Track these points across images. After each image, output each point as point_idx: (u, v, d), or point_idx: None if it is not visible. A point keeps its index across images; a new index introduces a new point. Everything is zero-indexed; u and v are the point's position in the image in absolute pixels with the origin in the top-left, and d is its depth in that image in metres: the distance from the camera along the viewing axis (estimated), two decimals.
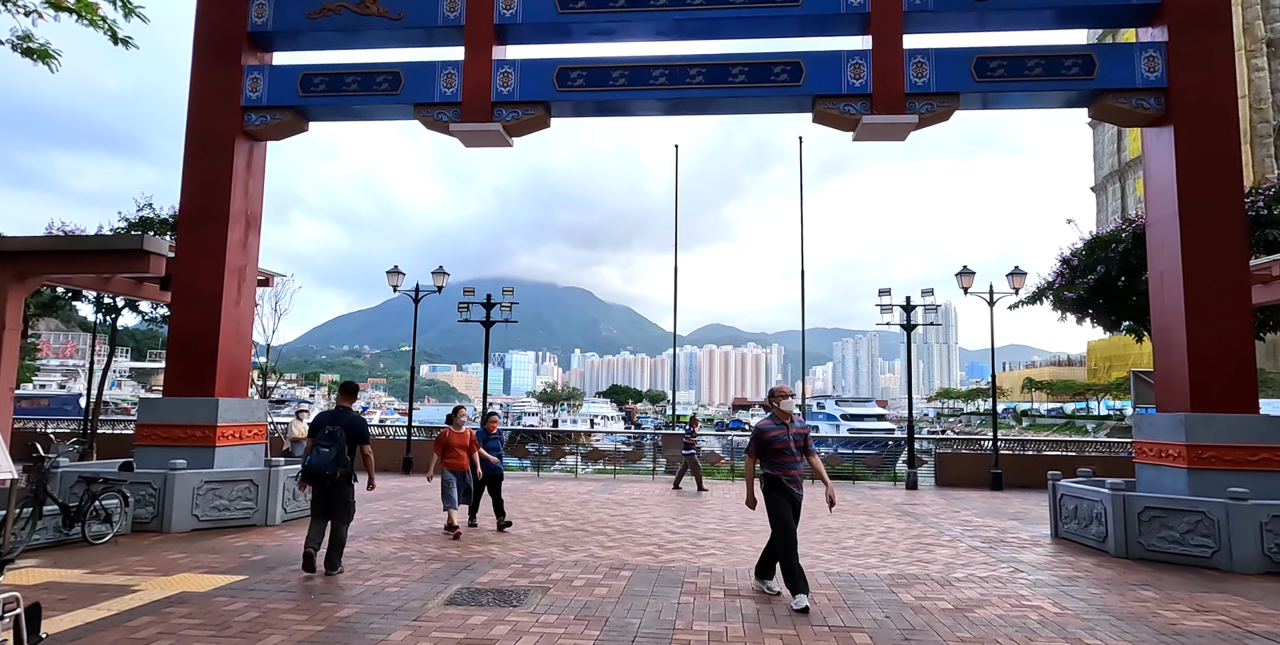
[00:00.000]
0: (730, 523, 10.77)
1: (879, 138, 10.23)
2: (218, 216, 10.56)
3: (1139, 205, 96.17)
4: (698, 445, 16.46)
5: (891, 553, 8.48)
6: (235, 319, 10.70)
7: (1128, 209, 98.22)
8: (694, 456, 16.02)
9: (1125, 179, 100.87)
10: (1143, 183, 10.21)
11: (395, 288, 19.31)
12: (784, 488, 6.36)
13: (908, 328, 17.86)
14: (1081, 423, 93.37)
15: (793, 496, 6.39)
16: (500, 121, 10.38)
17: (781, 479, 6.34)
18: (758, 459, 6.48)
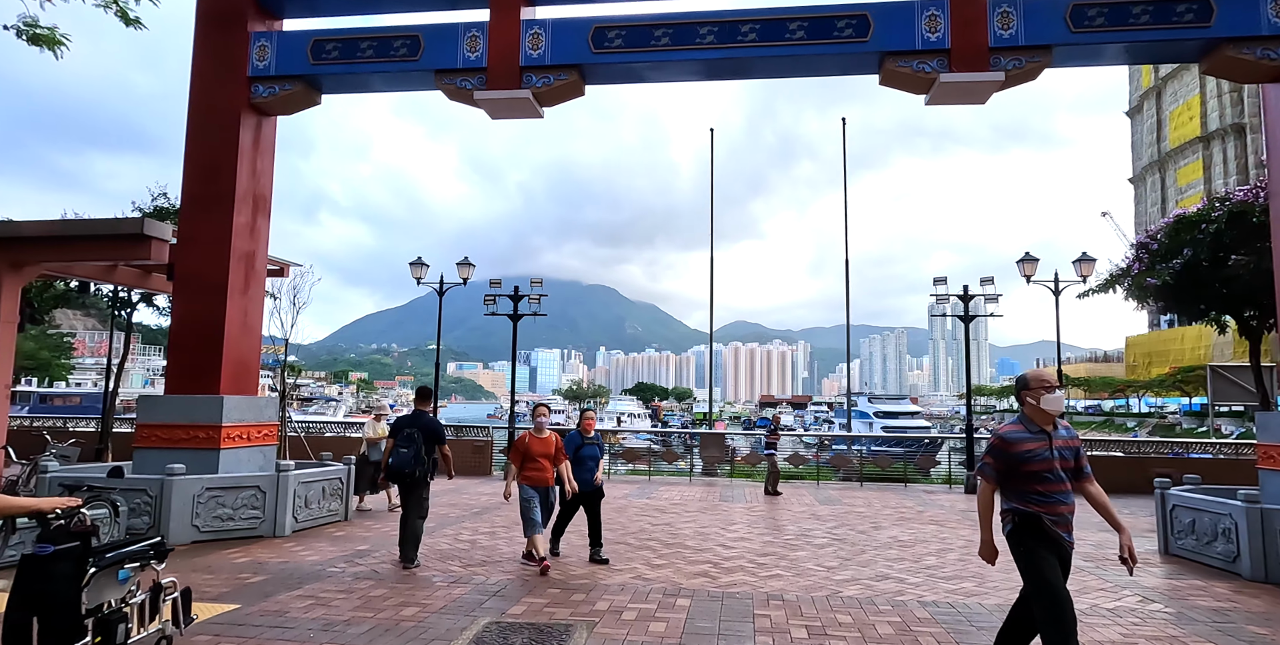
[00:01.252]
0: (788, 533, 9.65)
1: (956, 100, 9.02)
2: (222, 198, 9.66)
3: (1180, 196, 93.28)
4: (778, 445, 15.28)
5: (985, 574, 7.31)
6: (242, 309, 9.79)
7: (1168, 200, 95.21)
8: (774, 457, 14.91)
9: (1165, 169, 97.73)
10: (1265, 144, 8.88)
11: (419, 280, 18.43)
12: (1045, 532, 3.96)
13: (965, 319, 16.56)
14: (1121, 420, 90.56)
15: (1061, 547, 3.99)
16: (530, 88, 9.34)
17: (1043, 518, 3.97)
18: (998, 486, 4.16)
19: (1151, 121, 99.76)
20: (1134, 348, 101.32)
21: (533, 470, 7.38)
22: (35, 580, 3.37)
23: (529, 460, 7.39)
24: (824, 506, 12.82)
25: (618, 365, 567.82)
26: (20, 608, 3.34)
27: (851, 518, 11.41)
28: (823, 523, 10.76)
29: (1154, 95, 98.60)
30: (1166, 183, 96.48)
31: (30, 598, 3.36)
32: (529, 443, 7.47)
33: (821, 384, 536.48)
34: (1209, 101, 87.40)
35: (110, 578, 3.67)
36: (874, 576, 7.13)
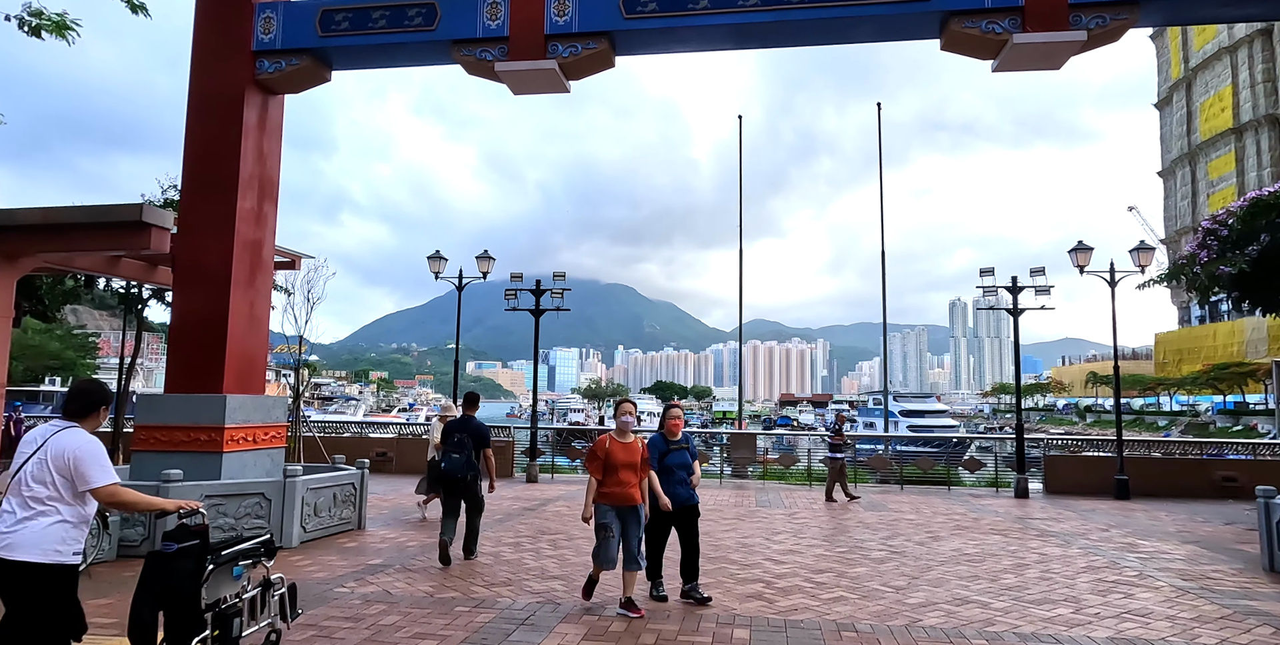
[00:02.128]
0: (839, 545, 8.79)
1: (1029, 65, 8.11)
2: (225, 182, 8.96)
3: (1211, 189, 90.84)
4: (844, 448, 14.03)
5: (1079, 597, 6.42)
6: (248, 302, 9.09)
7: (1198, 194, 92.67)
8: (840, 461, 13.71)
9: (1196, 162, 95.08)
10: None
11: (437, 275, 17.72)
12: None
13: (1014, 312, 15.56)
14: (1151, 419, 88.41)
15: None
16: (555, 58, 8.55)
17: None
18: None
19: (1181, 113, 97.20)
20: (1163, 345, 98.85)
21: (616, 485, 5.74)
22: (161, 576, 3.51)
23: (612, 472, 5.74)
24: (870, 513, 11.95)
25: (636, 364, 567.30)
26: (147, 602, 3.49)
27: (903, 526, 10.53)
28: (874, 532, 9.89)
29: (1184, 86, 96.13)
30: (1197, 176, 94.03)
31: (157, 593, 3.50)
32: (611, 449, 5.79)
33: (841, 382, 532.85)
34: (1241, 92, 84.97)
35: (226, 574, 3.85)
36: (952, 600, 6.26)
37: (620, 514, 5.77)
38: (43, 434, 3.47)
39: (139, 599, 3.48)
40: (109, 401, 3.71)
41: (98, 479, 3.37)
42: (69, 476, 3.36)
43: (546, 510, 11.53)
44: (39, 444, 3.44)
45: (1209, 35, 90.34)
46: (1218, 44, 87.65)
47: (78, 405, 3.58)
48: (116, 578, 6.55)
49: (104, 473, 3.41)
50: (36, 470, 3.38)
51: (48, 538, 3.28)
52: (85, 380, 3.79)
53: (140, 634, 3.45)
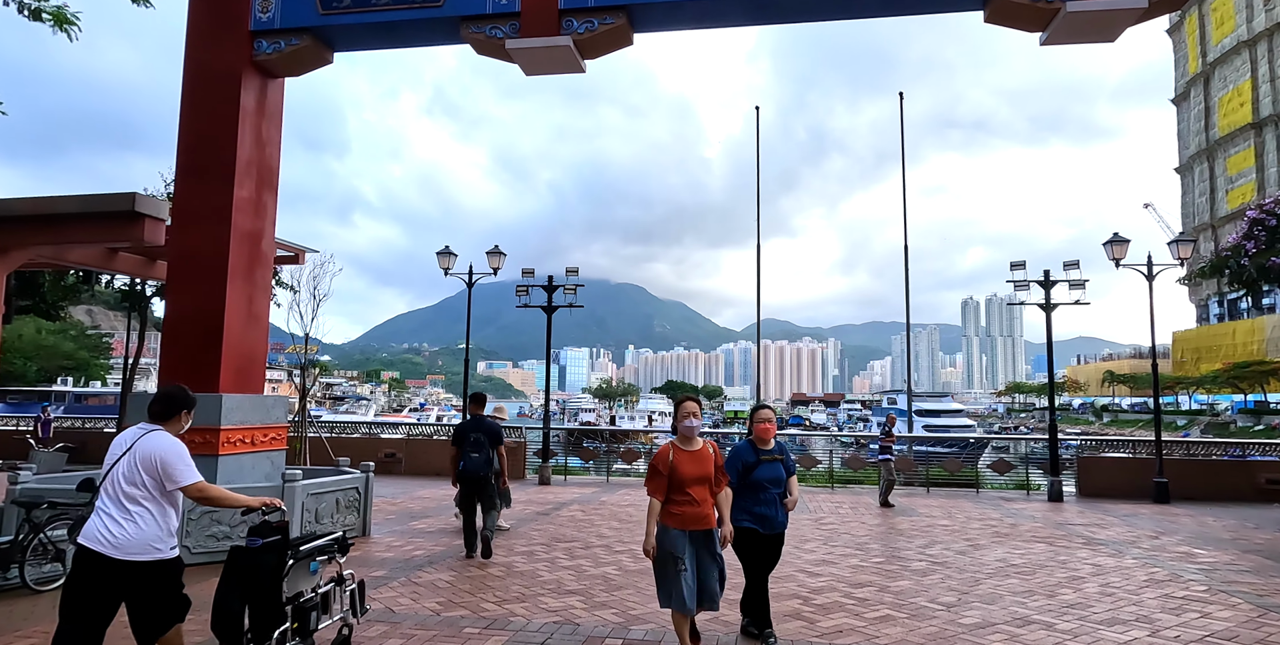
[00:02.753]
0: (875, 554, 8.20)
1: (1082, 36, 7.50)
2: (221, 169, 8.47)
3: (1230, 185, 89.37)
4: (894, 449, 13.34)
5: (1151, 617, 5.82)
6: (246, 296, 8.60)
7: (1217, 190, 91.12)
8: (890, 464, 13.07)
9: (1214, 158, 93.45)
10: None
11: (447, 271, 17.23)
12: None
13: (1047, 308, 14.90)
14: (1170, 418, 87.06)
15: None
16: (570, 35, 8.01)
17: None
18: None
19: (1199, 109, 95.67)
20: (1181, 343, 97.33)
21: (684, 504, 4.46)
22: (246, 570, 3.61)
23: (678, 488, 4.48)
24: (901, 518, 11.35)
25: (646, 363, 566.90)
26: (234, 595, 3.59)
27: (939, 532, 9.93)
28: (908, 539, 9.31)
29: (1202, 81, 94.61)
30: (1216, 172, 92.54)
31: (242, 586, 3.60)
32: (677, 461, 4.50)
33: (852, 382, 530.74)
34: (1261, 86, 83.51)
35: (304, 569, 3.92)
36: (1011, 620, 5.67)
37: (693, 539, 4.45)
38: (131, 437, 3.68)
39: (224, 592, 3.61)
40: (191, 406, 3.90)
41: (185, 478, 3.61)
42: (158, 477, 3.58)
43: (560, 515, 11.00)
44: (128, 446, 3.64)
45: (1227, 29, 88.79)
46: (1236, 38, 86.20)
47: (162, 407, 3.79)
48: None
49: (190, 472, 3.64)
50: (128, 471, 3.59)
51: (146, 537, 3.52)
52: (170, 386, 3.97)
53: (228, 625, 3.58)
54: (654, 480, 4.53)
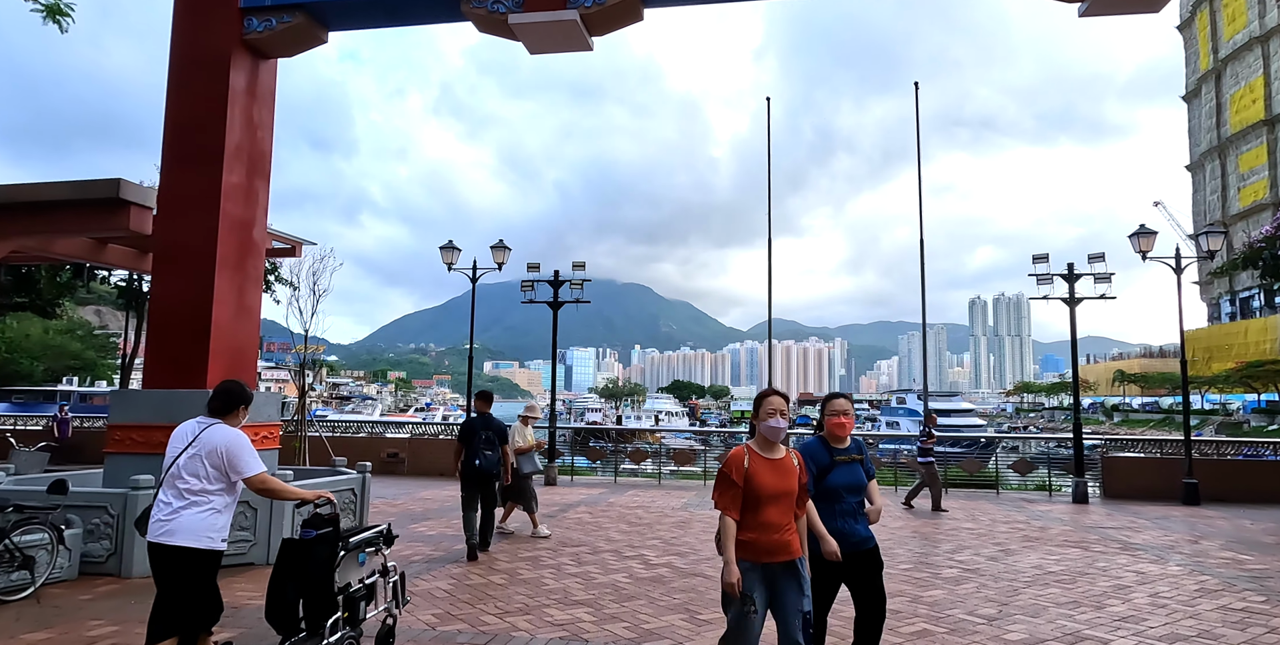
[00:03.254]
0: (902, 560, 7.70)
1: (1127, 6, 6.99)
2: (209, 154, 8.02)
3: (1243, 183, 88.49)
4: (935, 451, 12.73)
5: (1214, 632, 5.31)
6: (236, 287, 8.16)
7: (1228, 187, 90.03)
8: (933, 466, 12.48)
9: (1226, 155, 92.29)
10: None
11: (450, 266, 16.81)
12: None
13: (1071, 302, 14.36)
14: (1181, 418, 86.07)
15: None
16: (577, 8, 7.54)
17: None
18: None
19: (1211, 106, 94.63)
20: (1192, 342, 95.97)
21: (761, 529, 3.44)
22: (300, 561, 3.65)
23: (755, 508, 3.45)
24: (923, 520, 10.86)
25: (653, 363, 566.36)
26: (290, 585, 3.62)
27: (965, 536, 9.44)
28: (934, 544, 8.81)
29: (1213, 78, 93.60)
30: (1227, 169, 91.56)
31: (297, 577, 3.63)
32: (755, 470, 3.49)
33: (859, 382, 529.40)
34: (1274, 82, 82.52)
35: (353, 561, 4.00)
36: (1061, 635, 5.18)
37: (768, 575, 3.44)
38: (192, 430, 3.80)
39: (279, 582, 3.64)
40: (249, 401, 4.05)
41: (250, 469, 3.73)
42: (222, 468, 3.69)
43: (567, 518, 10.54)
44: (190, 439, 3.75)
45: (1239, 25, 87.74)
46: (1249, 34, 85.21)
47: (220, 403, 3.92)
48: (70, 603, 5.62)
49: (256, 463, 3.77)
50: (189, 463, 3.68)
51: (201, 526, 3.61)
52: (228, 381, 4.04)
53: (284, 614, 3.62)
54: (726, 492, 3.45)
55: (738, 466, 3.45)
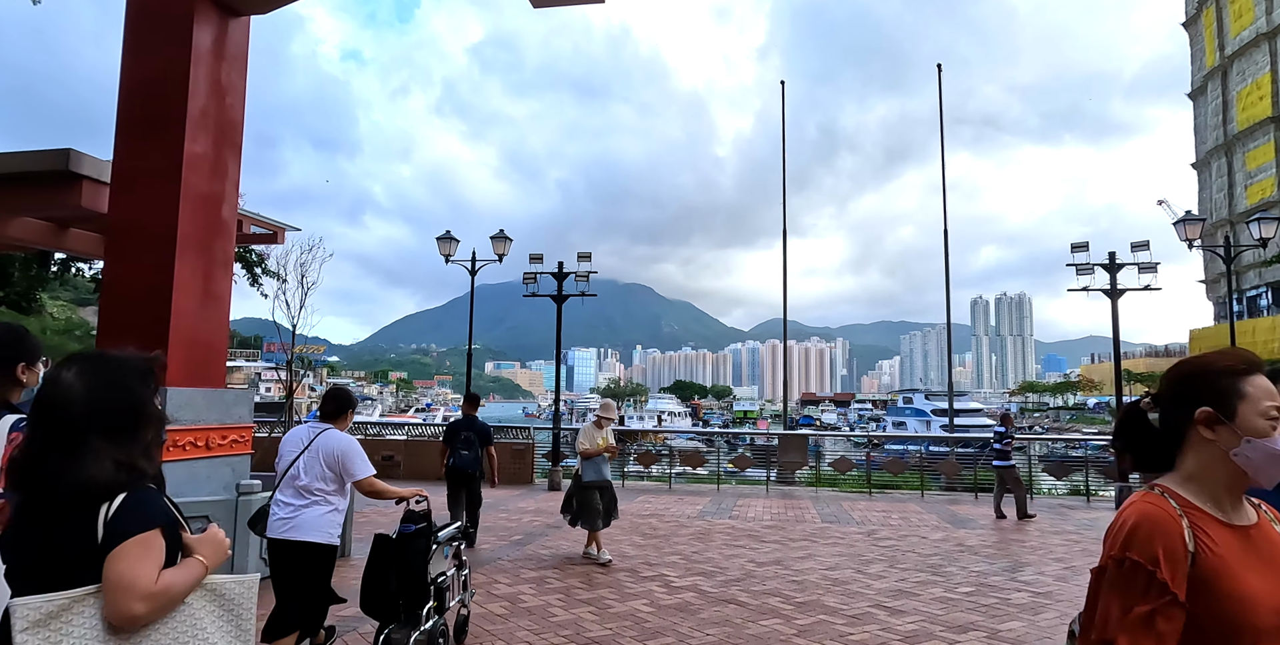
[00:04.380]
0: (959, 582, 6.74)
1: None
2: (169, 120, 7.06)
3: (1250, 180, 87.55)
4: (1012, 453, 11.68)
5: None
6: (201, 272, 7.20)
7: (1235, 185, 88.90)
8: (1015, 470, 11.53)
9: (1233, 153, 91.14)
10: None
11: (448, 258, 15.88)
12: None
13: (1113, 294, 13.39)
14: None
15: None
16: None
17: None
18: None
19: (1217, 103, 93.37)
20: (1199, 341, 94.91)
21: None
22: (400, 553, 3.91)
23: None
24: (964, 530, 9.89)
25: (654, 364, 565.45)
26: (387, 577, 3.87)
27: (1017, 550, 8.48)
28: (987, 560, 7.85)
29: (1219, 75, 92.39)
30: (1234, 167, 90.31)
31: (397, 568, 3.89)
32: (1219, 556, 1.30)
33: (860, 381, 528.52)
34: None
35: (440, 554, 4.20)
36: None
37: None
38: (306, 434, 4.06)
39: (377, 574, 3.87)
40: (355, 405, 4.36)
41: (362, 471, 3.99)
42: (337, 470, 3.96)
43: (575, 530, 9.58)
44: (306, 443, 4.00)
45: (1246, 21, 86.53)
46: (1255, 30, 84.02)
47: (333, 407, 4.23)
48: None
49: (366, 466, 4.03)
50: (308, 465, 3.95)
51: (322, 523, 3.90)
52: (337, 387, 4.38)
53: (385, 603, 3.86)
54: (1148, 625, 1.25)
55: (1170, 548, 1.30)
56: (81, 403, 1.62)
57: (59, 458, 1.59)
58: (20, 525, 1.61)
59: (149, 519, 1.60)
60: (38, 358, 2.42)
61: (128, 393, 1.70)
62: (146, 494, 1.64)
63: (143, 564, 1.55)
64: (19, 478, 1.60)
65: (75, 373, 1.66)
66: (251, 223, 10.29)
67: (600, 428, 7.97)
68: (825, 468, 15.53)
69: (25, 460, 1.61)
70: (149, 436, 1.74)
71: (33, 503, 1.60)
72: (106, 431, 1.63)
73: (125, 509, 1.58)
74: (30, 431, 1.66)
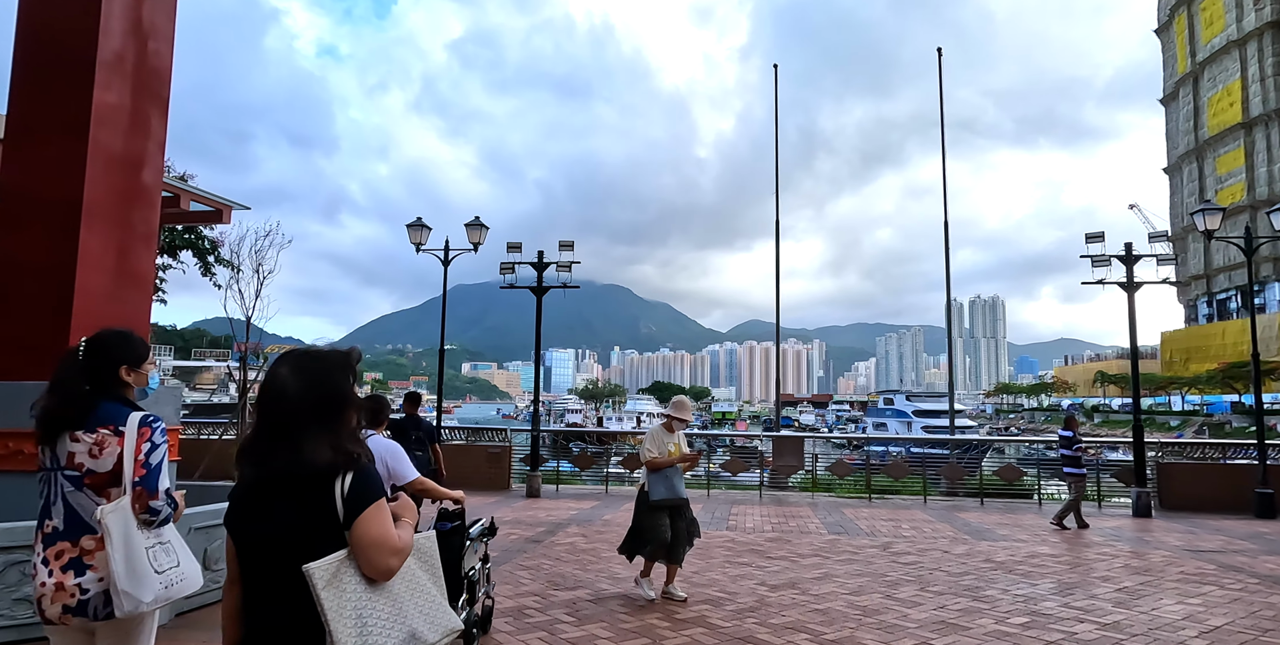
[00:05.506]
0: (1003, 607, 5.78)
1: None
2: (76, 63, 5.93)
3: (1220, 185, 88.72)
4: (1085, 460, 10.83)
5: None
6: (115, 246, 6.05)
7: (1206, 189, 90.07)
8: (1084, 480, 10.65)
9: (1204, 157, 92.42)
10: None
11: (419, 247, 14.74)
12: None
13: (1129, 287, 12.61)
14: (1163, 419, 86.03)
15: None
16: None
17: None
18: None
19: (1189, 108, 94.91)
20: (1170, 344, 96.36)
21: None
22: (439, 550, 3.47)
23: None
24: (985, 542, 8.98)
25: (632, 365, 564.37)
26: None
27: (1053, 565, 7.57)
28: (1027, 579, 6.92)
29: (1190, 81, 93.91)
30: (1205, 171, 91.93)
31: None
32: None
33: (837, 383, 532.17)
34: (1251, 85, 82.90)
35: (471, 550, 4.34)
36: None
37: None
38: None
39: None
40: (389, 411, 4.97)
41: (410, 474, 4.22)
42: (385, 475, 4.06)
43: (556, 543, 8.53)
44: None
45: (1217, 28, 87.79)
46: (1226, 37, 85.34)
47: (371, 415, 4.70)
48: None
49: (413, 470, 4.27)
50: None
51: None
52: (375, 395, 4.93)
53: None
54: None
55: None
56: (296, 395, 1.82)
57: (286, 444, 1.78)
58: (253, 504, 1.80)
59: (379, 489, 1.83)
60: (143, 360, 2.73)
61: (334, 385, 1.87)
62: (369, 469, 1.85)
63: (387, 526, 1.79)
64: (253, 462, 1.81)
65: (289, 369, 1.86)
66: (191, 198, 9.10)
67: (671, 431, 6.34)
68: (822, 471, 14.59)
69: (255, 447, 1.82)
70: (354, 421, 1.90)
71: (267, 484, 1.80)
72: (320, 419, 1.81)
73: (359, 482, 1.79)
74: (257, 421, 1.87)
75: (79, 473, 2.49)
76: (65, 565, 2.43)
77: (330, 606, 1.66)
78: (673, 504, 6.09)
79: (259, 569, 1.76)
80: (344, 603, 1.68)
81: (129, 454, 2.50)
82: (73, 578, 2.41)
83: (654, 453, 6.16)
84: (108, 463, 2.48)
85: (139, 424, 2.54)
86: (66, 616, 2.39)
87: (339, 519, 1.74)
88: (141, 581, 2.42)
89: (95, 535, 2.45)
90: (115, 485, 2.50)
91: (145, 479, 2.50)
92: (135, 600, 2.40)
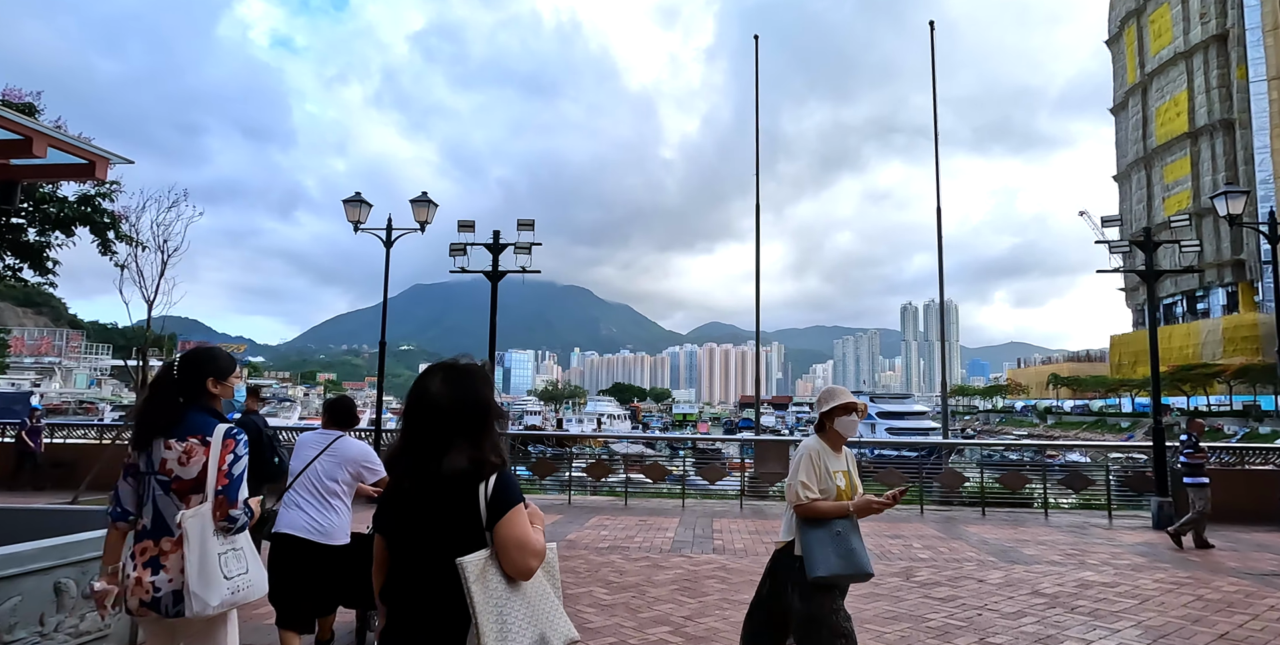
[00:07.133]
0: None
1: None
2: None
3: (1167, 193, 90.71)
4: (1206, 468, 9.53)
5: None
6: None
7: (1154, 197, 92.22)
8: (1208, 490, 9.24)
9: (1151, 166, 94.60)
10: None
11: (357, 225, 12.97)
12: None
13: (1148, 276, 11.49)
14: (1114, 420, 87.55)
15: None
16: None
17: None
18: None
19: (1137, 118, 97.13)
20: (1119, 346, 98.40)
21: None
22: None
23: None
24: (1021, 567, 7.64)
25: (592, 366, 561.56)
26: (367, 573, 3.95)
27: (1124, 601, 6.23)
28: (1104, 623, 5.56)
29: (1140, 91, 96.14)
30: (1153, 180, 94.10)
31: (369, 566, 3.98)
32: None
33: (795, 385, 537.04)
34: (1197, 97, 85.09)
35: None
36: None
37: None
38: (319, 440, 4.22)
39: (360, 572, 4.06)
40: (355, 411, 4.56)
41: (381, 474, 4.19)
42: (355, 474, 4.16)
43: None
44: (323, 447, 4.16)
45: (1165, 41, 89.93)
46: (1173, 49, 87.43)
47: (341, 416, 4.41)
48: None
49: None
50: (329, 469, 4.09)
51: (345, 525, 4.07)
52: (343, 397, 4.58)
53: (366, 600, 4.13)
54: None
55: None
56: (450, 407, 1.92)
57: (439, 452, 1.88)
58: (402, 505, 1.94)
59: (519, 494, 1.91)
60: (228, 373, 2.85)
61: (483, 396, 1.98)
62: (510, 475, 1.94)
63: (529, 528, 1.87)
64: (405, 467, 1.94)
65: (439, 381, 1.97)
66: (51, 144, 7.26)
67: (837, 450, 3.66)
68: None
69: (409, 455, 1.94)
70: (496, 429, 2.00)
71: (416, 487, 1.91)
72: (469, 428, 1.91)
73: (501, 486, 1.87)
74: (408, 430, 1.97)
75: (168, 478, 2.59)
76: (145, 562, 2.54)
77: (479, 600, 1.76)
78: (854, 580, 3.48)
79: (407, 564, 1.91)
80: (489, 597, 1.78)
81: (213, 464, 2.62)
82: (149, 575, 2.51)
83: (812, 493, 3.44)
84: (193, 470, 2.59)
85: (224, 435, 2.68)
86: (144, 609, 2.51)
87: (481, 521, 1.84)
88: (211, 585, 2.48)
89: (173, 537, 2.53)
90: (197, 492, 2.60)
91: (227, 488, 2.60)
92: (204, 602, 2.47)
